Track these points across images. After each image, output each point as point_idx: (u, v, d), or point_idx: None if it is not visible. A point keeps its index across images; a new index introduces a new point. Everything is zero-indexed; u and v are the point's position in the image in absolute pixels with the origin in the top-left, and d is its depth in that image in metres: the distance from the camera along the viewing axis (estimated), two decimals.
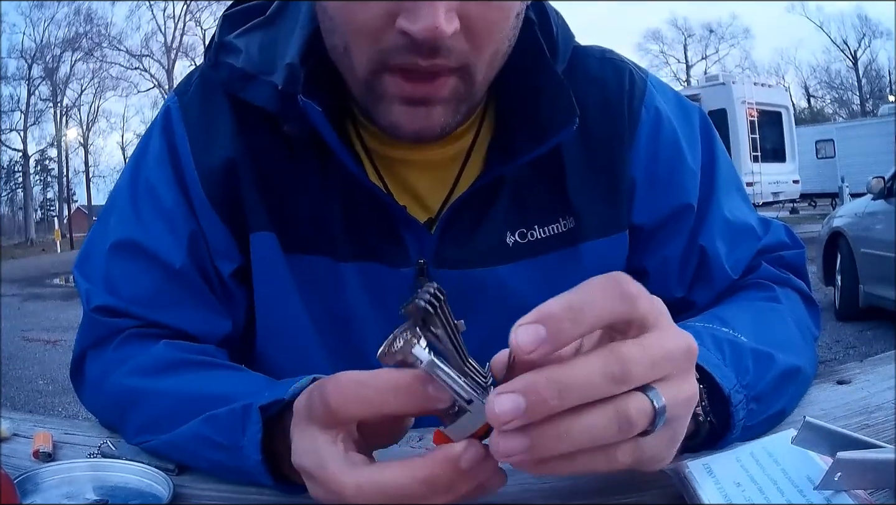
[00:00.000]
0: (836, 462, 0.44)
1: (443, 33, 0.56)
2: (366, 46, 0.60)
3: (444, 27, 0.55)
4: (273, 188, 0.73)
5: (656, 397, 0.42)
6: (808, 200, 20.74)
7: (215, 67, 0.72)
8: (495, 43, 0.62)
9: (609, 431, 0.40)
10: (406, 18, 0.56)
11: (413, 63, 0.59)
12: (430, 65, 0.59)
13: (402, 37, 0.57)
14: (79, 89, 35.46)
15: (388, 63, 0.60)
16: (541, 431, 0.40)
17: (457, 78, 0.62)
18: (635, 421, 0.41)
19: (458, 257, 0.72)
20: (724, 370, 0.55)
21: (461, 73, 0.62)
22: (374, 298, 0.73)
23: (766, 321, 0.67)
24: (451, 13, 0.56)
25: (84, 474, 0.58)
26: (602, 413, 0.40)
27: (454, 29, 0.57)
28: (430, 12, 0.55)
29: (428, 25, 0.55)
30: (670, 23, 39.59)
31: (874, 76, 36.44)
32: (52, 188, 38.48)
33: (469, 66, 0.61)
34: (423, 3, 0.56)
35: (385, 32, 0.58)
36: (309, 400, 0.47)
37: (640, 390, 0.41)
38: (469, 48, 0.60)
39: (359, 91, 0.65)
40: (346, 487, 0.43)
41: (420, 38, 0.56)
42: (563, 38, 0.74)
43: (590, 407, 0.40)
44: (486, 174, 0.71)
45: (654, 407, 0.41)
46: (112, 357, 0.70)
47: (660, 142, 0.76)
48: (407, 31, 0.57)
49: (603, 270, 0.75)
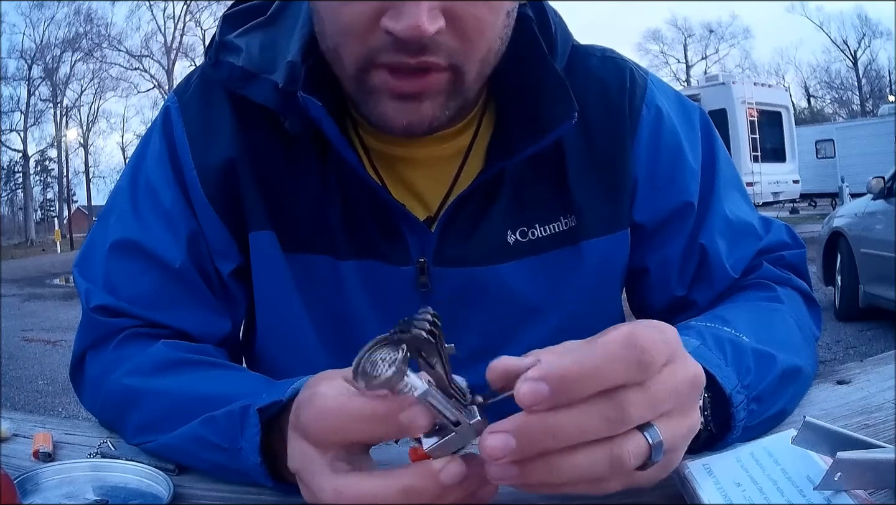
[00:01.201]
0: (836, 462, 0.44)
1: (425, 32, 0.56)
2: (354, 45, 0.61)
3: (426, 26, 0.56)
4: (272, 187, 0.73)
5: (653, 435, 0.41)
6: (808, 200, 20.74)
7: (216, 66, 0.72)
8: (486, 41, 0.62)
9: (601, 470, 0.41)
10: (390, 18, 0.57)
11: (401, 61, 0.59)
12: (418, 62, 0.60)
13: (387, 36, 0.58)
14: (79, 90, 35.56)
15: (375, 61, 0.61)
16: (532, 465, 0.40)
17: (447, 74, 0.62)
18: (628, 462, 0.41)
19: (459, 255, 0.72)
20: (725, 370, 0.55)
21: (451, 70, 0.62)
22: (375, 296, 0.73)
23: (768, 321, 0.67)
24: (435, 11, 0.57)
25: (84, 474, 0.58)
26: (595, 453, 0.40)
27: (438, 27, 0.57)
28: (413, 11, 0.56)
29: (410, 24, 0.56)
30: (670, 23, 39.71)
31: (874, 76, 36.47)
32: (52, 189, 38.55)
33: (459, 63, 0.62)
34: (406, 2, 0.56)
35: (371, 32, 0.59)
36: (296, 412, 0.47)
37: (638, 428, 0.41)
38: (458, 46, 0.60)
39: (350, 88, 0.66)
40: (325, 492, 0.43)
41: (403, 36, 0.57)
42: (561, 35, 0.74)
43: (583, 446, 0.40)
44: (487, 170, 0.71)
45: (650, 445, 0.41)
46: (111, 357, 0.70)
47: (661, 140, 0.76)
48: (391, 31, 0.57)
49: (604, 268, 0.76)
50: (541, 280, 0.73)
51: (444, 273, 0.72)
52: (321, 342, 0.75)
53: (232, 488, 0.58)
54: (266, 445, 0.54)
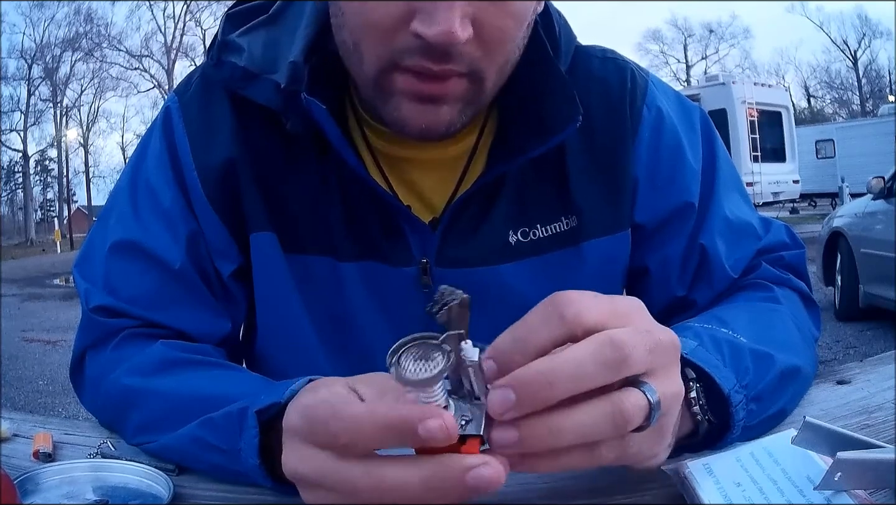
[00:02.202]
0: (836, 462, 0.44)
1: (457, 38, 0.56)
2: (377, 45, 0.61)
3: (459, 33, 0.56)
4: (273, 188, 0.73)
5: (651, 392, 0.42)
6: (808, 200, 20.74)
7: (218, 66, 0.72)
8: (506, 51, 0.63)
9: (603, 428, 0.41)
10: (422, 22, 0.57)
11: (424, 67, 0.59)
12: (440, 69, 0.59)
13: (415, 39, 0.58)
14: (79, 89, 35.52)
15: (398, 63, 0.60)
16: (531, 425, 0.40)
17: (466, 81, 0.62)
18: (631, 417, 0.41)
19: (461, 256, 0.72)
20: (723, 371, 0.55)
21: (471, 78, 0.62)
22: (376, 297, 0.74)
23: (766, 321, 0.67)
24: (466, 20, 0.57)
25: (84, 475, 0.58)
26: (596, 408, 0.40)
27: (468, 35, 0.57)
28: (447, 16, 0.56)
29: (444, 30, 0.56)
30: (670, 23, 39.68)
31: (874, 76, 36.46)
32: (52, 189, 38.54)
33: (479, 71, 0.62)
34: (440, 6, 0.56)
35: (398, 33, 0.59)
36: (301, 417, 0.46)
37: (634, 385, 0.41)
38: (480, 55, 0.60)
39: (366, 87, 0.65)
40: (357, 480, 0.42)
41: (434, 42, 0.56)
42: (565, 37, 0.74)
43: (584, 402, 0.40)
44: (490, 171, 0.71)
45: (649, 402, 0.41)
46: (110, 357, 0.70)
47: (661, 141, 0.77)
48: (422, 35, 0.57)
49: (605, 269, 0.76)
50: (542, 281, 0.73)
51: (446, 274, 0.72)
52: (321, 343, 0.75)
53: (232, 489, 0.58)
54: (265, 447, 0.54)
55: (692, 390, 0.52)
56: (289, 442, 0.47)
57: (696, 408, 0.52)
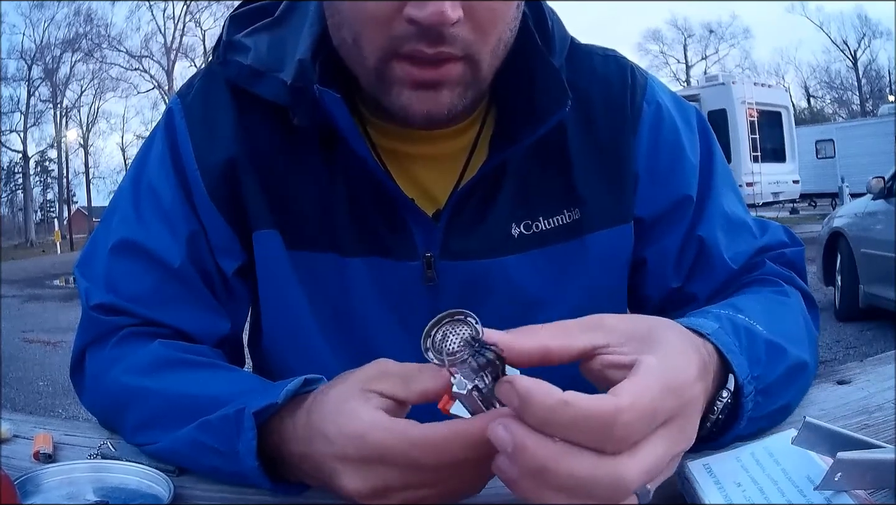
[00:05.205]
0: (836, 462, 0.44)
1: (448, 18, 0.58)
2: (376, 35, 0.62)
3: (449, 13, 0.58)
4: (276, 186, 0.73)
5: (644, 495, 0.42)
6: (808, 200, 20.73)
7: (224, 65, 0.73)
8: (498, 32, 0.64)
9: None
10: (414, 7, 0.59)
11: (420, 51, 0.61)
12: (435, 52, 0.61)
13: (409, 25, 0.60)
14: (79, 90, 35.43)
15: (396, 50, 0.62)
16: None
17: (463, 64, 0.64)
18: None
19: (464, 248, 0.73)
20: (739, 358, 0.55)
21: (466, 61, 0.63)
22: (381, 292, 0.74)
23: (778, 313, 0.67)
24: (456, 2, 0.59)
25: (84, 475, 0.58)
26: None
27: (458, 16, 0.60)
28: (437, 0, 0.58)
29: (435, 11, 0.58)
30: (670, 23, 39.59)
31: (874, 76, 36.42)
32: (52, 189, 38.48)
33: (474, 54, 0.63)
34: None
35: (394, 21, 0.61)
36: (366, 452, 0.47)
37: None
38: (473, 37, 0.62)
39: (368, 80, 0.66)
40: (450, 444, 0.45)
41: (427, 23, 0.59)
42: (558, 33, 0.76)
43: None
44: (490, 161, 0.72)
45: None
46: (110, 354, 0.70)
47: (661, 135, 0.78)
48: (415, 19, 0.59)
49: (608, 262, 0.76)
50: (545, 273, 0.74)
51: (450, 267, 0.72)
52: (326, 339, 0.75)
53: (232, 489, 0.58)
54: (262, 448, 0.54)
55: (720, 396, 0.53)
56: (341, 467, 0.48)
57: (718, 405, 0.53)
